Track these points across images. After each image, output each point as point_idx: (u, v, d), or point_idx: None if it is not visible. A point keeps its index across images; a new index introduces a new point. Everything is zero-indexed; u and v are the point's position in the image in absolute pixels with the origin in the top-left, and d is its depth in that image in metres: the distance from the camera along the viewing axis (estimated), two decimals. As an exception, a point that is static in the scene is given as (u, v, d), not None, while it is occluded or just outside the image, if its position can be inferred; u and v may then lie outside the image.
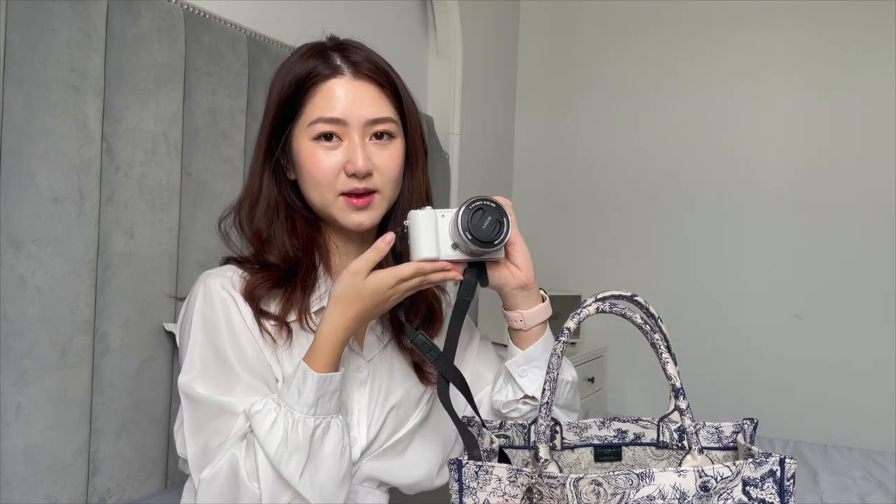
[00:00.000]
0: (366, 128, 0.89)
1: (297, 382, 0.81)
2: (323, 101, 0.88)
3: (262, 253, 0.92)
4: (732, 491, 0.68)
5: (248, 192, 0.95)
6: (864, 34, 2.52)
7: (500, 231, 0.83)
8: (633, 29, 2.86)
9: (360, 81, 0.89)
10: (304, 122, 0.89)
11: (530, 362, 0.94)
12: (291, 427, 0.80)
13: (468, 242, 0.82)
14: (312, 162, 0.88)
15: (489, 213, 0.82)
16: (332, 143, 0.89)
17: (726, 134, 2.71)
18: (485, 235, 0.82)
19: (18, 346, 1.01)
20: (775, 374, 2.62)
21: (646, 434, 0.89)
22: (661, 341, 0.74)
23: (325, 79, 0.89)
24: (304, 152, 0.89)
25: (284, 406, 0.81)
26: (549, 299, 0.95)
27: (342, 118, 0.88)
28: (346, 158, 0.88)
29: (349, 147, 0.88)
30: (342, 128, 0.88)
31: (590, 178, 2.93)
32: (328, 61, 0.90)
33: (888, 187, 2.48)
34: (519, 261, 0.90)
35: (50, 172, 1.04)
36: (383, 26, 2.11)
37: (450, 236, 0.84)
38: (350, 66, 0.90)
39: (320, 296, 0.93)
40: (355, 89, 0.89)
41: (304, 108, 0.89)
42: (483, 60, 2.70)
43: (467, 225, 0.82)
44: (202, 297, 0.88)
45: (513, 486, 0.74)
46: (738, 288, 2.68)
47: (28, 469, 1.03)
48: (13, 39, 1.00)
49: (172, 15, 1.24)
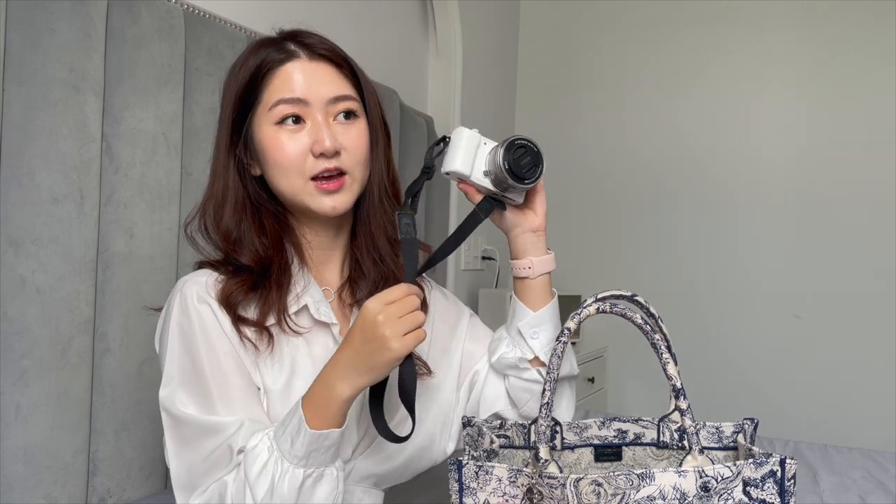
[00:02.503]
0: (328, 107, 0.87)
1: (291, 430, 0.77)
2: (280, 84, 0.86)
3: (232, 254, 0.88)
4: (733, 491, 0.68)
5: (212, 193, 0.91)
6: (864, 34, 2.52)
7: (535, 172, 0.87)
8: (633, 29, 2.86)
9: (316, 62, 0.88)
10: (265, 108, 0.87)
11: (541, 324, 0.93)
12: (279, 478, 0.77)
13: (504, 173, 0.85)
14: (276, 147, 0.86)
15: (529, 154, 0.86)
16: (295, 126, 0.86)
17: (727, 134, 2.71)
18: (521, 171, 0.86)
19: (18, 346, 1.01)
20: (775, 374, 2.63)
21: (646, 434, 0.89)
22: (662, 341, 0.74)
23: (281, 63, 0.87)
24: (267, 139, 0.86)
25: (276, 451, 0.77)
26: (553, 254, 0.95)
27: (303, 97, 0.86)
28: (312, 139, 0.85)
29: (313, 128, 0.86)
30: (304, 108, 0.86)
31: (590, 178, 2.93)
32: (281, 47, 0.88)
33: (888, 187, 2.48)
34: (537, 205, 0.93)
35: (50, 172, 1.04)
36: (383, 26, 2.11)
37: (485, 163, 0.89)
38: (305, 49, 0.88)
39: (297, 294, 0.89)
40: (312, 69, 0.87)
41: (261, 95, 0.87)
42: (483, 60, 2.70)
43: (508, 156, 0.85)
44: (178, 308, 0.85)
45: (513, 487, 0.74)
46: (739, 288, 2.69)
47: (28, 469, 1.03)
48: (13, 39, 1.00)
49: (172, 15, 1.24)
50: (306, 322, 0.90)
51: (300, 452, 0.77)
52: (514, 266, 0.95)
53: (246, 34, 1.44)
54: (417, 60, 2.37)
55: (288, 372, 0.87)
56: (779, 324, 2.63)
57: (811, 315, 2.59)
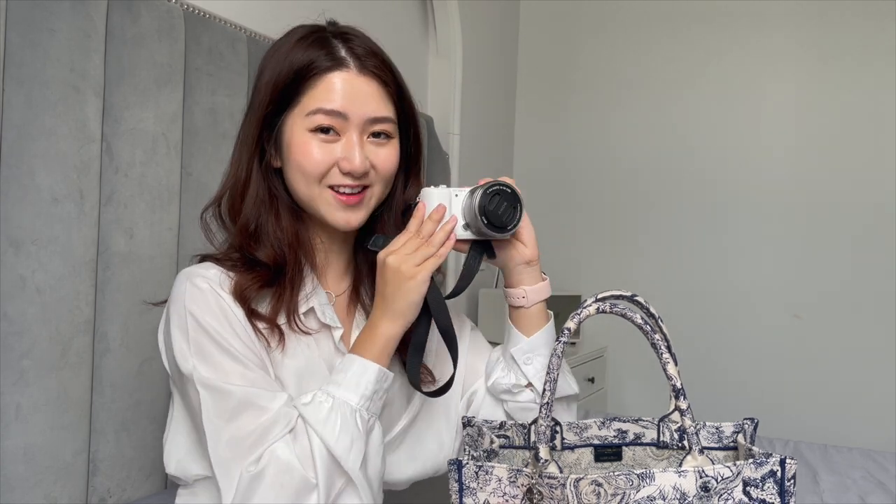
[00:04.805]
0: (365, 125, 0.85)
1: (353, 375, 0.80)
2: (324, 93, 0.84)
3: (248, 248, 0.86)
4: (733, 491, 0.68)
5: (233, 182, 0.88)
6: (864, 34, 2.52)
7: (514, 217, 0.85)
8: (634, 29, 2.86)
9: (364, 77, 0.85)
10: (301, 112, 0.84)
11: (534, 350, 0.94)
12: (350, 416, 0.78)
13: (483, 225, 0.84)
14: (305, 153, 0.84)
15: (505, 199, 0.84)
16: (328, 137, 0.84)
17: (726, 133, 2.71)
18: (500, 220, 0.84)
19: (18, 346, 1.01)
20: (775, 374, 2.63)
21: (646, 434, 0.89)
22: (662, 341, 0.74)
23: (328, 70, 0.84)
24: (297, 142, 0.85)
25: (338, 398, 0.79)
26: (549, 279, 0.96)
27: (343, 112, 0.84)
28: (343, 155, 0.84)
29: (346, 144, 0.84)
30: (342, 122, 0.84)
31: (590, 178, 2.93)
32: (332, 51, 0.85)
33: (888, 187, 2.48)
34: (525, 238, 0.92)
35: (50, 172, 1.04)
36: (383, 26, 2.10)
37: (462, 215, 0.87)
38: (355, 60, 0.85)
39: (307, 295, 0.89)
40: (359, 85, 0.85)
41: (301, 97, 0.84)
42: (483, 60, 2.70)
43: (483, 209, 0.83)
44: (191, 298, 0.82)
45: (513, 487, 0.74)
46: (739, 288, 2.69)
47: (28, 469, 1.03)
48: (13, 39, 0.99)
49: (172, 15, 1.24)
50: (314, 324, 0.90)
51: (367, 392, 0.80)
52: (508, 294, 0.95)
53: (246, 34, 1.44)
54: (417, 60, 2.37)
55: (301, 370, 0.87)
56: (779, 324, 2.63)
57: (811, 315, 2.59)
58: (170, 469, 0.89)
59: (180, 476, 0.88)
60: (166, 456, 0.89)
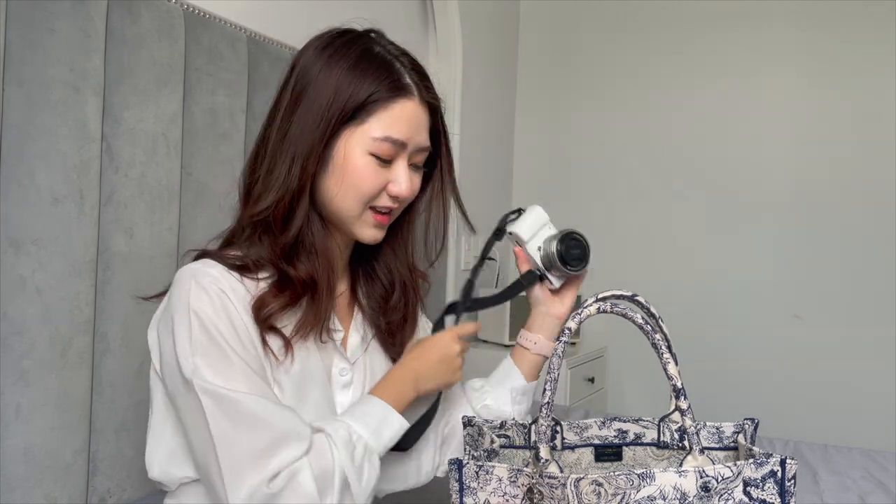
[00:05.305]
0: (412, 154, 0.88)
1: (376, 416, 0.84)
2: (394, 121, 0.85)
3: (284, 260, 0.85)
4: (733, 491, 0.68)
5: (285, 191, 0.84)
6: (864, 33, 2.52)
7: (580, 264, 1.01)
8: (633, 28, 2.86)
9: (422, 107, 0.88)
10: (365, 133, 0.84)
11: (527, 394, 1.05)
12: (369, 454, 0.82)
13: (554, 254, 1.00)
14: (362, 175, 0.85)
15: (579, 248, 1.01)
16: (385, 162, 0.86)
17: (727, 133, 2.71)
18: (569, 258, 1.00)
19: (18, 346, 1.01)
20: (775, 374, 2.63)
21: (646, 434, 0.89)
22: (662, 341, 0.74)
23: (396, 97, 0.85)
24: (356, 163, 0.84)
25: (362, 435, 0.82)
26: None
27: (406, 142, 0.86)
28: (393, 180, 0.87)
29: (398, 170, 0.87)
30: (401, 150, 0.87)
31: (590, 177, 2.93)
32: (398, 77, 0.86)
33: (888, 187, 2.48)
34: (567, 297, 1.04)
35: (50, 172, 1.04)
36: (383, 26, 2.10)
37: (542, 241, 1.03)
38: (421, 90, 0.88)
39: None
40: (418, 115, 0.88)
41: (368, 118, 0.84)
42: (483, 60, 2.70)
43: (562, 244, 1.00)
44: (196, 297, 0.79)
45: (513, 486, 0.74)
46: (738, 288, 2.69)
47: (28, 469, 1.03)
48: (13, 39, 0.99)
49: (172, 15, 1.24)
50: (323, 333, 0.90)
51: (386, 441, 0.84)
52: (522, 335, 1.05)
53: (246, 34, 1.44)
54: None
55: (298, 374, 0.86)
56: (779, 324, 2.63)
57: (811, 315, 2.59)
58: (153, 474, 0.86)
59: (164, 481, 0.86)
60: (148, 461, 0.87)
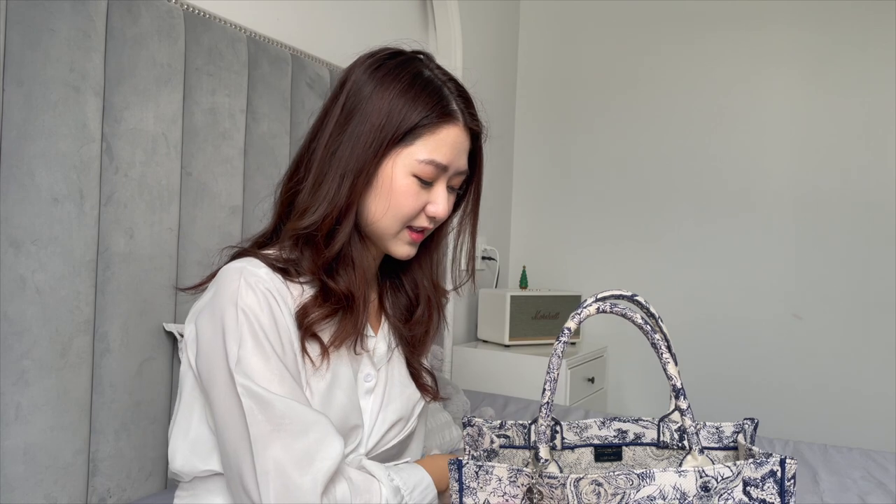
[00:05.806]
0: (452, 177, 0.91)
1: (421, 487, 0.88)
2: (440, 146, 0.87)
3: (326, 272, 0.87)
4: (733, 491, 0.68)
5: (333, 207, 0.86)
6: (864, 34, 2.52)
7: None
8: (633, 29, 2.86)
9: (465, 133, 0.90)
10: (410, 155, 0.86)
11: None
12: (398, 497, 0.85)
13: None
14: (405, 195, 0.87)
15: None
16: (426, 184, 0.88)
17: (727, 134, 2.72)
18: None
19: (18, 346, 1.01)
20: (775, 375, 2.63)
21: (646, 434, 0.89)
22: (662, 341, 0.74)
23: (443, 122, 0.88)
24: (401, 183, 0.87)
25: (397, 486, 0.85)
26: None
27: (448, 166, 0.89)
28: (432, 201, 0.89)
29: (438, 191, 0.90)
30: (443, 174, 0.89)
31: (590, 178, 2.93)
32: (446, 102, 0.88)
33: (889, 187, 2.48)
34: None
35: (50, 172, 1.04)
36: (383, 26, 2.11)
37: None
38: (466, 117, 0.90)
39: None
40: (462, 140, 0.90)
41: (415, 140, 0.86)
42: (483, 60, 2.70)
43: None
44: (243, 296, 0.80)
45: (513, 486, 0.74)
46: (738, 288, 2.69)
47: (28, 469, 1.03)
48: (13, 39, 1.00)
49: (172, 15, 1.24)
50: None
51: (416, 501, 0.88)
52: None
53: (246, 34, 1.44)
54: (417, 60, 2.37)
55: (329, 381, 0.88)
56: (779, 324, 2.63)
57: (811, 315, 2.59)
58: (175, 465, 0.87)
59: (185, 472, 0.87)
60: (171, 452, 0.88)
